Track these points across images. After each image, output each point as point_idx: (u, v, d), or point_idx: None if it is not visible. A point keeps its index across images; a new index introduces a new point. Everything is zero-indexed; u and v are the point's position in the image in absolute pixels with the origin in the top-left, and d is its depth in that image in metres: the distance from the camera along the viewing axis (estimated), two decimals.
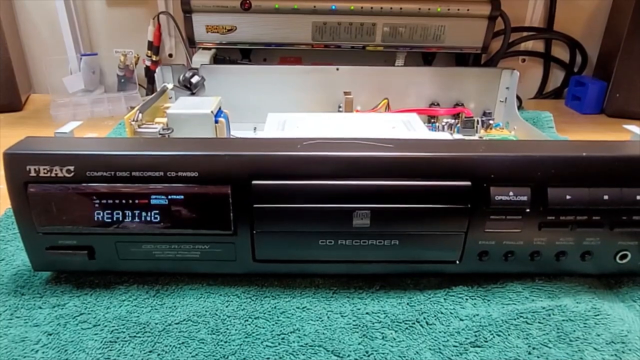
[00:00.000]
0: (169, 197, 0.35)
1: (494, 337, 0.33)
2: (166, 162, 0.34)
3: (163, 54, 0.95)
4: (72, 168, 0.34)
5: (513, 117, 0.71)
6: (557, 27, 0.97)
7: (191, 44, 0.84)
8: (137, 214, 0.35)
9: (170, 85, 0.65)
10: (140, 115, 0.50)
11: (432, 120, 0.73)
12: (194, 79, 0.69)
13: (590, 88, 0.90)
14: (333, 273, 0.40)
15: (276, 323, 0.35)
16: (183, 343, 0.33)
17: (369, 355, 0.32)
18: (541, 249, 0.37)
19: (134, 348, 0.32)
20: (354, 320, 0.35)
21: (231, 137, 0.58)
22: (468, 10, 0.82)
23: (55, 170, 0.34)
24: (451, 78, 0.75)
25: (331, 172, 0.35)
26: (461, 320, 0.35)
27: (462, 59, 0.93)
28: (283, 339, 0.33)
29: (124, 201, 0.35)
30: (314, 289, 0.39)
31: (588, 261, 0.38)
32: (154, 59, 0.91)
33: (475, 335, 0.33)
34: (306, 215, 0.36)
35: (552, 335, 0.33)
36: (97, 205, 0.35)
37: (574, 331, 0.34)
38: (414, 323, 0.35)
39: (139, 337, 0.33)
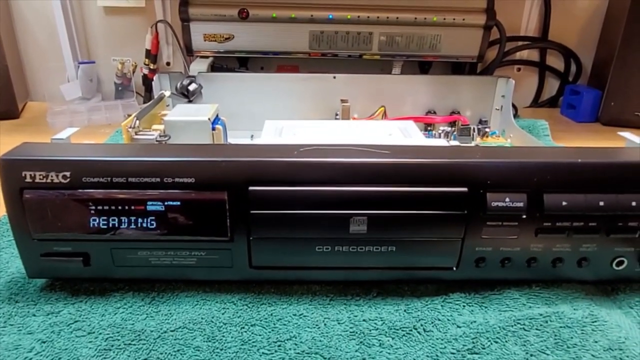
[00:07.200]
0: (166, 203, 0.35)
1: (491, 344, 0.33)
2: (162, 168, 0.34)
3: (161, 62, 0.96)
4: (68, 174, 0.34)
5: (509, 125, 0.71)
6: (552, 36, 0.98)
7: (189, 52, 0.84)
8: (133, 221, 0.35)
9: (167, 93, 0.65)
10: (137, 122, 0.50)
11: (429, 128, 0.73)
12: (192, 87, 0.69)
13: (585, 97, 0.91)
14: (330, 280, 0.40)
15: (273, 330, 0.35)
16: (178, 350, 0.32)
17: None
18: (538, 255, 0.37)
19: (129, 356, 0.32)
20: (350, 327, 0.35)
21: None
22: (464, 19, 0.83)
23: (51, 176, 0.34)
24: (447, 86, 0.75)
25: (328, 178, 0.35)
26: (458, 327, 0.35)
27: (458, 67, 0.94)
28: (279, 346, 0.33)
29: (120, 207, 0.35)
30: (310, 296, 0.38)
31: (585, 267, 0.38)
32: (151, 67, 0.91)
33: (473, 342, 0.33)
34: (303, 221, 0.35)
35: (549, 342, 0.33)
36: (92, 211, 0.35)
37: (572, 338, 0.33)
38: (411, 330, 0.35)
39: (134, 344, 0.33)
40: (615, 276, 0.39)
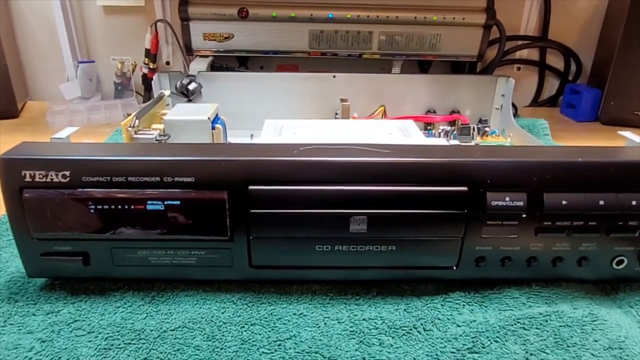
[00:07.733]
0: (165, 202, 0.35)
1: (491, 343, 0.33)
2: (162, 167, 0.34)
3: (160, 61, 0.95)
4: (67, 173, 0.34)
5: (509, 124, 0.71)
6: (552, 35, 0.98)
7: (188, 51, 0.84)
8: (133, 220, 0.35)
9: (167, 92, 0.65)
10: (137, 121, 0.50)
11: (429, 128, 0.73)
12: (191, 86, 0.69)
13: (584, 96, 0.91)
14: (330, 279, 0.40)
15: (272, 329, 0.35)
16: (178, 350, 0.32)
17: None
18: (538, 254, 0.37)
19: (129, 355, 0.32)
20: (350, 327, 0.35)
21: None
22: (463, 19, 0.82)
23: (51, 176, 0.34)
24: (447, 86, 0.75)
25: (328, 177, 0.35)
26: (458, 326, 0.35)
27: (458, 66, 0.94)
28: (279, 345, 0.33)
29: (119, 207, 0.35)
30: (310, 295, 0.38)
31: (584, 267, 0.38)
32: (151, 66, 0.91)
33: (473, 342, 0.33)
34: (303, 220, 0.35)
35: (549, 341, 0.33)
36: (92, 210, 0.35)
37: (572, 337, 0.33)
38: (411, 329, 0.35)
39: (134, 344, 0.33)
40: (615, 275, 0.39)
